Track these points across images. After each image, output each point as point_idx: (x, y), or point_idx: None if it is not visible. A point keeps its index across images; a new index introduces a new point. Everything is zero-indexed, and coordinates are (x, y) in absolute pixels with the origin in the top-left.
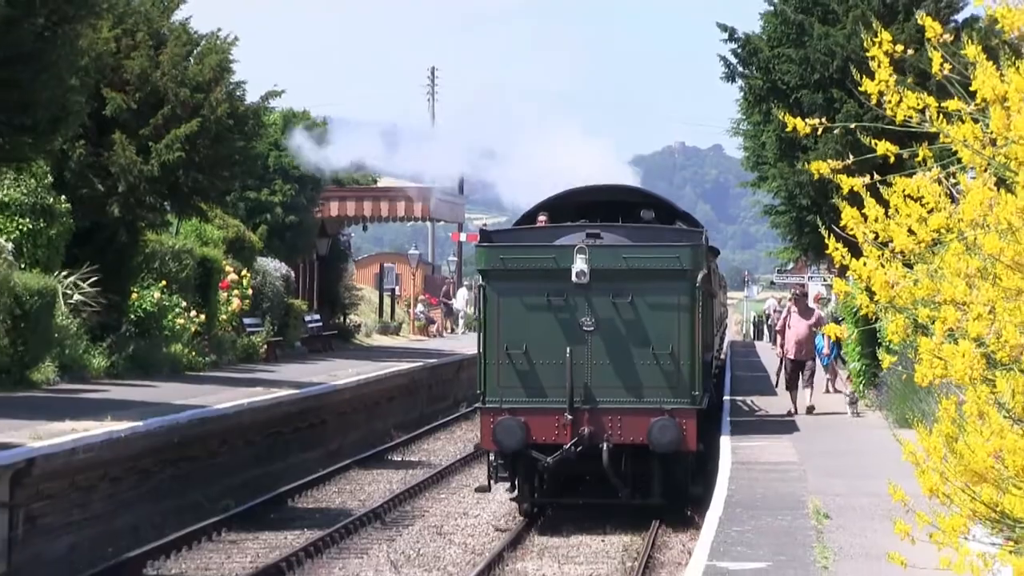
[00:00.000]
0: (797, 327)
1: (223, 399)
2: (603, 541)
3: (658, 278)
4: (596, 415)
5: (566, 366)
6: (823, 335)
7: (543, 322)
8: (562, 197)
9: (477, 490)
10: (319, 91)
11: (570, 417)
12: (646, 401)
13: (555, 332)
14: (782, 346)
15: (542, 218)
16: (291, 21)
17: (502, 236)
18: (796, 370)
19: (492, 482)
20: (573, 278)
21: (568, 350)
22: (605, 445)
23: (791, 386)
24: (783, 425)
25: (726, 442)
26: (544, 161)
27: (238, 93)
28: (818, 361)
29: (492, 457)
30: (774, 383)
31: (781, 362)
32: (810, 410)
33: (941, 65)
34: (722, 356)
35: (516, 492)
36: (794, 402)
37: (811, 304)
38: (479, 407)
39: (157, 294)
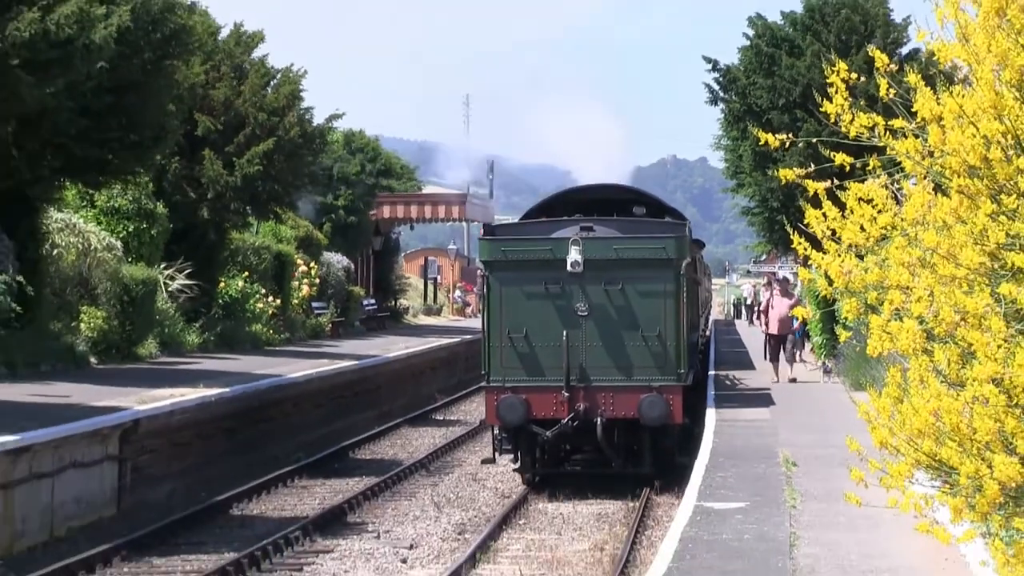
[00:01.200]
0: (780, 307)
1: (295, 369)
2: (608, 492)
3: (646, 267)
4: (591, 392)
5: (563, 348)
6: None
7: (541, 308)
8: (562, 195)
9: (483, 462)
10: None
11: (567, 394)
12: (636, 379)
13: (552, 317)
14: (766, 324)
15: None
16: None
17: (503, 230)
18: (778, 344)
19: (497, 454)
20: (568, 268)
21: (564, 333)
22: (599, 420)
23: (774, 358)
24: (759, 389)
25: (711, 406)
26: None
27: (307, 117)
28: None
29: (496, 431)
30: (764, 357)
31: (766, 338)
32: (792, 380)
33: (887, 90)
34: (707, 334)
35: (519, 463)
36: (776, 372)
37: (785, 289)
38: (484, 386)
39: (240, 283)
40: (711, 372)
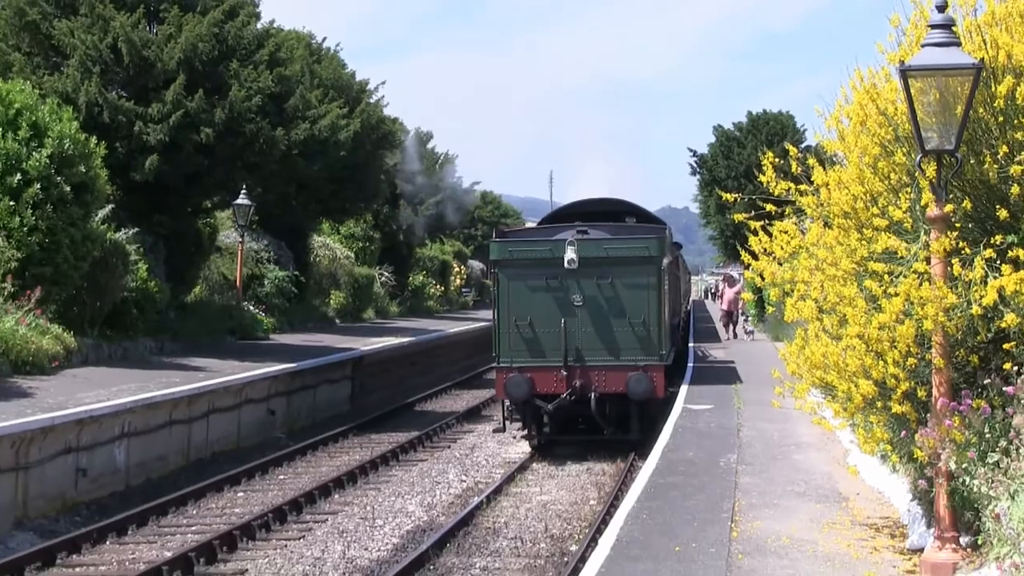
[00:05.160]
0: (727, 293)
1: (452, 327)
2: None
3: (632, 263)
4: (585, 371)
5: (561, 333)
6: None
7: (543, 299)
8: (567, 207)
9: (494, 431)
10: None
11: (565, 373)
12: (624, 359)
13: (552, 307)
14: (721, 303)
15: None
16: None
17: (511, 234)
18: (728, 316)
19: (508, 423)
20: (565, 264)
21: (562, 321)
22: (593, 394)
23: (725, 325)
24: (721, 346)
25: (690, 365)
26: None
27: (458, 182)
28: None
29: (506, 404)
30: (719, 324)
31: (721, 313)
32: (735, 337)
33: (796, 168)
34: (688, 310)
35: (525, 432)
36: (726, 332)
37: (731, 282)
38: (494, 367)
39: (421, 277)
40: (691, 345)
